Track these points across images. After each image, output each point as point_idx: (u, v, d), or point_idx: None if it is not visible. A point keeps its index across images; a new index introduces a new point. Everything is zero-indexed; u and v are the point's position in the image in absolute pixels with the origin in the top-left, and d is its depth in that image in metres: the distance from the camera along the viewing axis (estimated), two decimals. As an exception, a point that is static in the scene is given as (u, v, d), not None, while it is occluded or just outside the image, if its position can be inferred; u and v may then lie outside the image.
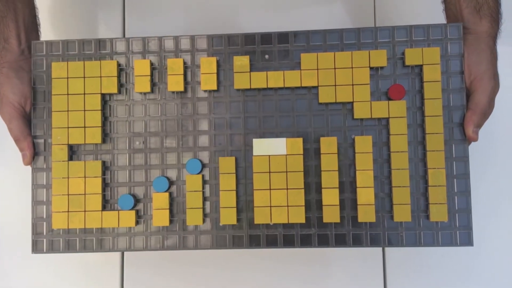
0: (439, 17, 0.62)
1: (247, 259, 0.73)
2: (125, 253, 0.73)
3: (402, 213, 0.57)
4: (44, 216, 0.60)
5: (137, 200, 0.60)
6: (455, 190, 0.58)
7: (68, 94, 0.60)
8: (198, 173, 0.59)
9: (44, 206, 0.60)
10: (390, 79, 0.59)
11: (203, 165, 0.60)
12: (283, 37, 0.60)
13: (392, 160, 0.58)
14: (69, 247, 0.60)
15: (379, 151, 0.59)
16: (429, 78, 0.58)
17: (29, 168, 0.61)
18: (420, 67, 0.58)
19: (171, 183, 0.60)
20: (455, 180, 0.58)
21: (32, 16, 0.62)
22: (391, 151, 0.58)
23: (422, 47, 0.59)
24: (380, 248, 0.73)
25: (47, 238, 0.60)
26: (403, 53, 0.59)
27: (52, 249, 0.60)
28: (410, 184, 0.58)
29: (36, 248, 0.60)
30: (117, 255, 0.73)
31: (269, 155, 0.58)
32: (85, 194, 0.59)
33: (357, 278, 0.72)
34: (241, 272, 0.73)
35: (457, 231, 0.58)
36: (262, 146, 0.59)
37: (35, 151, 0.61)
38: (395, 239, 0.58)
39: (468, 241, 0.57)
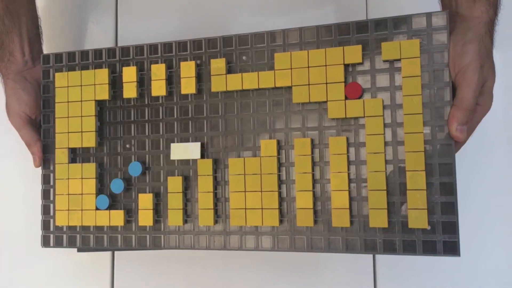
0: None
1: (236, 261, 0.73)
2: (115, 252, 0.76)
3: (378, 218, 0.54)
4: (51, 214, 0.67)
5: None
6: (439, 195, 0.53)
7: (68, 102, 0.65)
8: (138, 175, 0.63)
9: (51, 205, 0.67)
10: (368, 75, 0.56)
11: (146, 168, 0.63)
12: (260, 37, 0.60)
13: (368, 161, 0.55)
14: (71, 243, 0.66)
15: (357, 152, 0.56)
16: (408, 73, 0.54)
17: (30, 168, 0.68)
18: (400, 61, 0.55)
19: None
20: (439, 183, 0.53)
21: (35, 28, 0.69)
22: (367, 152, 0.55)
23: (403, 39, 0.55)
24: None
25: (53, 234, 0.66)
26: (380, 47, 0.55)
27: (57, 243, 0.66)
28: (391, 187, 0.55)
29: (44, 243, 0.67)
30: (107, 254, 0.76)
31: (190, 159, 0.61)
32: (82, 194, 0.65)
33: (347, 281, 0.69)
34: (231, 274, 0.73)
35: (442, 239, 0.53)
36: (179, 150, 0.61)
37: (44, 155, 0.67)
38: (372, 246, 0.55)
39: (454, 250, 0.53)
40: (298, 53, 0.57)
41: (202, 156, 0.61)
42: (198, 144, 0.61)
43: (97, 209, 0.64)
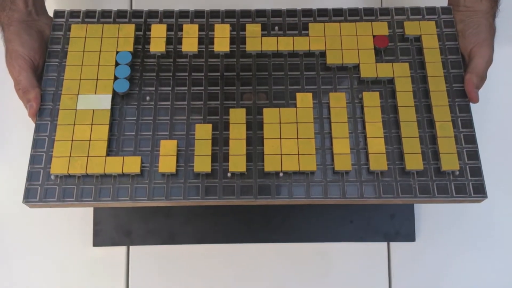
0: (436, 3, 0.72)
1: (250, 255, 0.75)
2: (130, 248, 0.75)
3: (414, 161, 0.60)
4: (42, 164, 0.60)
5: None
6: (463, 144, 0.61)
7: (84, 51, 0.65)
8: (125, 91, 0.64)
9: (44, 155, 0.60)
10: (392, 49, 0.66)
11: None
12: (292, 13, 0.68)
13: (400, 113, 0.62)
14: (64, 196, 0.59)
15: (385, 111, 0.63)
16: (428, 46, 0.65)
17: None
18: (419, 38, 0.66)
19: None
20: (462, 135, 0.62)
21: None
22: (399, 106, 0.62)
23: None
24: (385, 243, 0.74)
25: (41, 187, 0.59)
26: (402, 28, 0.67)
27: (45, 197, 0.59)
28: (420, 138, 0.61)
29: (28, 196, 0.59)
30: (122, 251, 0.75)
31: (93, 109, 0.62)
32: (90, 140, 0.60)
33: (361, 274, 0.73)
34: (245, 269, 0.74)
35: (470, 182, 0.60)
36: (87, 101, 0.63)
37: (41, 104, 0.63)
38: (408, 190, 0.59)
39: (481, 191, 0.59)
40: (331, 24, 0.67)
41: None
42: (109, 96, 0.63)
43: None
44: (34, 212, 0.69)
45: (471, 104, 0.64)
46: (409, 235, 0.75)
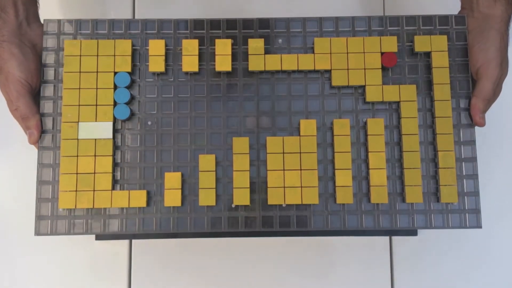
0: (445, 5, 0.68)
1: (252, 249, 0.76)
2: (133, 242, 0.76)
3: (414, 194, 0.61)
4: (50, 197, 0.61)
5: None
6: (464, 173, 0.62)
7: (80, 72, 0.62)
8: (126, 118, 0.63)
9: (50, 186, 0.61)
10: (400, 66, 0.64)
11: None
12: (296, 22, 0.65)
13: (404, 142, 0.62)
14: (74, 229, 0.61)
15: (390, 134, 0.63)
16: (438, 65, 0.63)
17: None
18: (429, 54, 0.64)
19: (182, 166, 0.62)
20: (463, 163, 0.62)
21: None
22: (402, 134, 0.62)
23: (430, 35, 0.64)
24: (387, 238, 0.77)
25: (51, 220, 0.61)
26: (411, 41, 0.64)
27: (56, 231, 0.61)
28: (422, 167, 0.62)
29: (39, 230, 0.61)
30: (125, 245, 0.76)
31: (95, 139, 0.62)
32: (94, 173, 0.61)
33: (363, 267, 0.76)
34: (247, 262, 0.76)
35: (466, 213, 0.62)
36: (88, 130, 0.62)
37: (42, 130, 0.62)
38: (407, 222, 0.62)
39: (476, 223, 0.62)
40: (337, 39, 0.63)
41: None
42: (110, 124, 0.62)
43: (113, 189, 0.61)
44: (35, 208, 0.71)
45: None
46: (411, 230, 0.78)
